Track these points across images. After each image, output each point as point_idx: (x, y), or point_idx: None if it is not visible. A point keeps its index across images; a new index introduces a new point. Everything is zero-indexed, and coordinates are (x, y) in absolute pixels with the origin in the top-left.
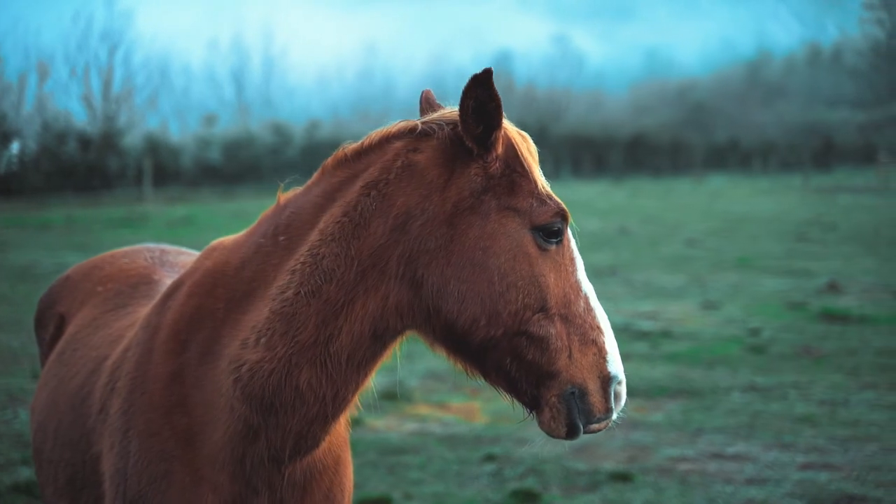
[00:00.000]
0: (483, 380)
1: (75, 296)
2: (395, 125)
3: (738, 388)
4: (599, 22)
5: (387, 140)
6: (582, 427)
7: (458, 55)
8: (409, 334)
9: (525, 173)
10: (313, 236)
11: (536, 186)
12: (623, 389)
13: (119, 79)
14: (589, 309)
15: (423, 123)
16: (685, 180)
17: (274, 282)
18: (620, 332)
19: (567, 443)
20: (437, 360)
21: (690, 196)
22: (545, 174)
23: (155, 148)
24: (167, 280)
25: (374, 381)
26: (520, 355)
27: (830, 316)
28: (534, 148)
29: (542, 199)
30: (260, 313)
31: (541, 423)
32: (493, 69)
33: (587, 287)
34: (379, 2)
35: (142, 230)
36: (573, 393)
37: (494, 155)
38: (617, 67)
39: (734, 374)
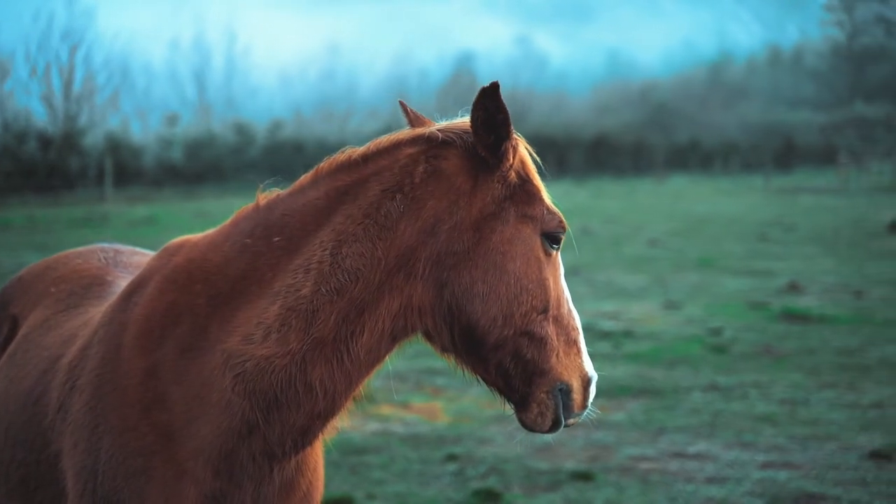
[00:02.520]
0: (483, 379)
1: (28, 297)
2: (404, 132)
3: (699, 387)
4: (562, 23)
5: (397, 146)
6: (563, 422)
7: (421, 56)
8: (417, 335)
9: (535, 183)
10: (325, 236)
11: (544, 196)
12: (594, 387)
13: (80, 78)
14: (570, 311)
15: (442, 132)
16: (647, 181)
17: (274, 280)
18: (583, 331)
19: (543, 437)
20: (399, 360)
21: (652, 196)
22: None
23: (116, 147)
24: (120, 281)
25: None
26: (520, 354)
27: (791, 316)
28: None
29: (550, 207)
30: (265, 310)
31: (525, 419)
32: (499, 82)
33: (567, 290)
34: (342, 2)
35: (103, 230)
36: (561, 389)
37: (509, 164)
38: (579, 68)
39: (695, 373)
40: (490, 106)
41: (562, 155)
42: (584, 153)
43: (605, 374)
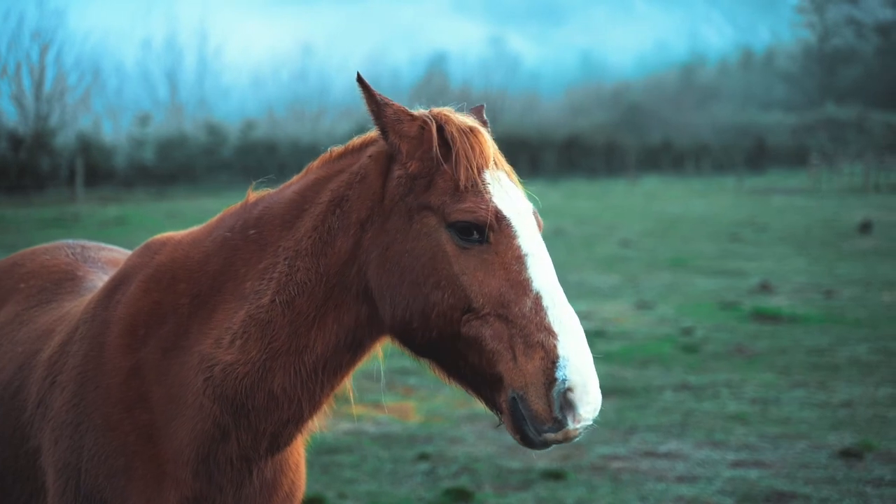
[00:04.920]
0: (449, 382)
1: None
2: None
3: (670, 386)
4: (534, 24)
5: (365, 146)
6: (534, 436)
7: (394, 56)
8: (385, 340)
9: (446, 170)
10: (289, 242)
11: (458, 182)
12: (577, 396)
13: (51, 78)
14: (538, 309)
15: None
16: (620, 181)
17: (246, 279)
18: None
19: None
20: (370, 359)
21: (625, 197)
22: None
23: (87, 148)
24: (92, 276)
25: None
26: (465, 358)
27: (762, 315)
28: (484, 141)
29: (459, 195)
30: (234, 313)
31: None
32: (360, 72)
33: (541, 286)
34: (314, 2)
35: (74, 230)
36: (515, 398)
37: (404, 154)
38: (552, 69)
39: (667, 372)
40: (366, 98)
41: (535, 155)
42: (557, 154)
43: None
